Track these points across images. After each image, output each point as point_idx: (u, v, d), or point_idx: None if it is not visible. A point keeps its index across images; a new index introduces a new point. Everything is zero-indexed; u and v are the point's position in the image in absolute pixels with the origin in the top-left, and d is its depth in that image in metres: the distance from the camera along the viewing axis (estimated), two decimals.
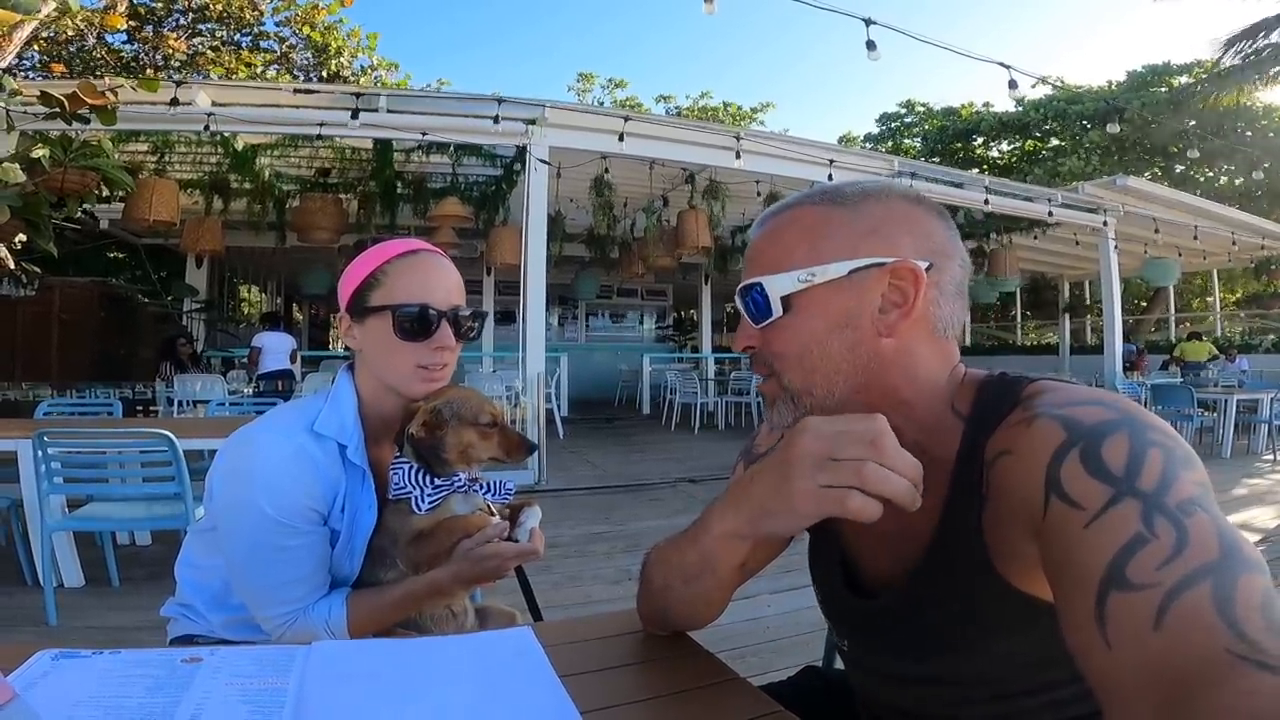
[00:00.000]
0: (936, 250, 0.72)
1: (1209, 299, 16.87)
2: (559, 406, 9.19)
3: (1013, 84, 6.12)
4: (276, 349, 7.40)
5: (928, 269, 0.70)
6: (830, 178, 7.09)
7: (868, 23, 5.52)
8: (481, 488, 1.09)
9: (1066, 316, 15.36)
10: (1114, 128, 10.41)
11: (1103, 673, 0.50)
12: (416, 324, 1.03)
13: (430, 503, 1.04)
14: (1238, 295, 19.02)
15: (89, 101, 3.45)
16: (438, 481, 1.04)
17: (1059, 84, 12.20)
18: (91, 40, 14.43)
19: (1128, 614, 0.49)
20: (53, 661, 0.60)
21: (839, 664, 1.13)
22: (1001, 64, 6.01)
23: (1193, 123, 13.09)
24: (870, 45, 5.60)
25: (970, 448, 0.69)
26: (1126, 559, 0.50)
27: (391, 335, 1.03)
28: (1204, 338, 12.48)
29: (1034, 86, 10.26)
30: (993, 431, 0.67)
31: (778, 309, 0.73)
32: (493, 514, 1.10)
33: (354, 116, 5.95)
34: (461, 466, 1.06)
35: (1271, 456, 7.35)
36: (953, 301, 0.73)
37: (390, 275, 1.05)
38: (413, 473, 1.04)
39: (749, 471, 0.69)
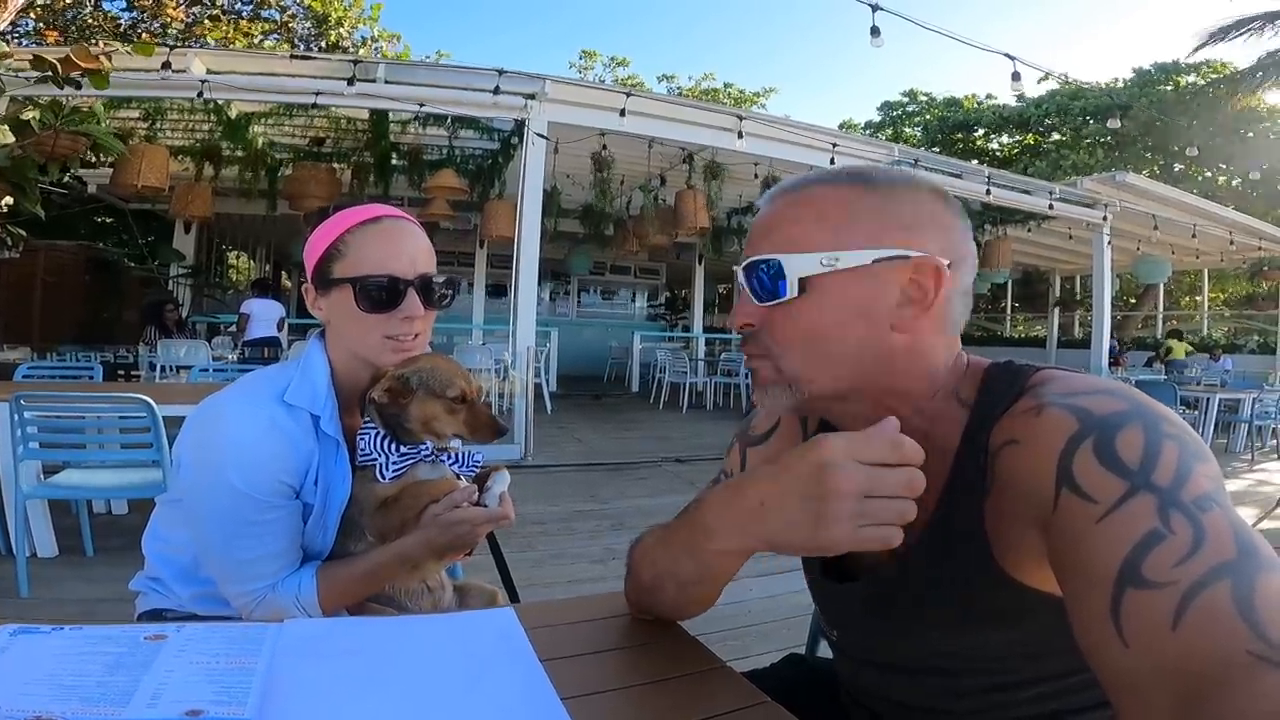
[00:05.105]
0: (955, 249, 0.71)
1: (1198, 298, 16.98)
2: (548, 381, 9.19)
3: (1016, 76, 6.03)
4: (265, 316, 7.32)
5: (948, 267, 0.68)
6: (833, 162, 7.04)
7: (874, 8, 5.39)
8: (448, 458, 1.07)
9: (1056, 310, 15.45)
10: (1114, 123, 10.36)
11: (1117, 671, 0.49)
12: (382, 295, 0.99)
13: (394, 471, 1.01)
14: (1225, 295, 19.15)
15: (82, 65, 3.38)
16: (403, 449, 1.02)
17: (1064, 79, 12.09)
18: (89, 7, 14.12)
19: (1145, 612, 0.48)
20: (10, 637, 0.57)
21: (822, 652, 1.13)
22: (1006, 55, 5.93)
23: (1195, 122, 13.06)
24: (874, 31, 5.47)
25: (974, 436, 0.67)
26: (1142, 555, 0.50)
27: (356, 308, 0.99)
28: (1184, 336, 12.61)
29: (1040, 81, 10.19)
30: (998, 420, 0.66)
31: (792, 290, 0.68)
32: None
33: (350, 84, 5.84)
34: (426, 438, 1.04)
35: (1249, 456, 7.44)
36: (963, 301, 0.72)
37: (352, 245, 1.01)
38: (378, 439, 1.01)
39: (752, 484, 0.64)
